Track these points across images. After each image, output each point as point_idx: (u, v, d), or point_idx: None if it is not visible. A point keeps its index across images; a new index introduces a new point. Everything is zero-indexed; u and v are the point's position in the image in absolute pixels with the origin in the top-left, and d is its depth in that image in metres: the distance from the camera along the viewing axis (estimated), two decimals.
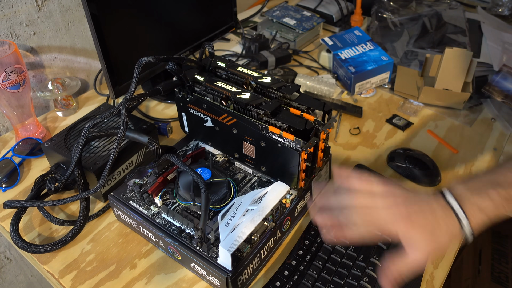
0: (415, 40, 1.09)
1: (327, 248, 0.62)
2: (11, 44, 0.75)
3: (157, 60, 0.62)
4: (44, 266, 0.62)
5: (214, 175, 0.64)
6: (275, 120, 0.61)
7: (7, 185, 0.74)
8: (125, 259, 0.63)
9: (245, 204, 0.57)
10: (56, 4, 0.87)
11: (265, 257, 0.61)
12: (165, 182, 0.63)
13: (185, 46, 0.94)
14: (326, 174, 0.74)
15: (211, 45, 0.70)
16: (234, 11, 1.04)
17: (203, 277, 0.59)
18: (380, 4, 1.18)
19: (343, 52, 1.01)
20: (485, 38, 1.12)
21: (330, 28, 1.27)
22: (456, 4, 1.18)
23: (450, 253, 0.65)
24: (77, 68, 0.98)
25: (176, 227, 0.60)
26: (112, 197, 0.65)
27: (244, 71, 0.70)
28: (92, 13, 0.70)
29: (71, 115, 0.91)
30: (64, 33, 0.91)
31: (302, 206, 0.67)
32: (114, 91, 0.79)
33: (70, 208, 0.71)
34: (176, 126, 0.87)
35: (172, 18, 0.88)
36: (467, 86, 0.93)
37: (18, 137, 0.81)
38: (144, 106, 0.94)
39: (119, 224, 0.68)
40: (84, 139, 0.63)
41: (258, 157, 0.66)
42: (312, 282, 0.58)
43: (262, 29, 1.20)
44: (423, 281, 0.61)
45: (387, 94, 1.00)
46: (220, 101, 0.65)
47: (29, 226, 0.68)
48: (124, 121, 0.60)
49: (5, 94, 0.74)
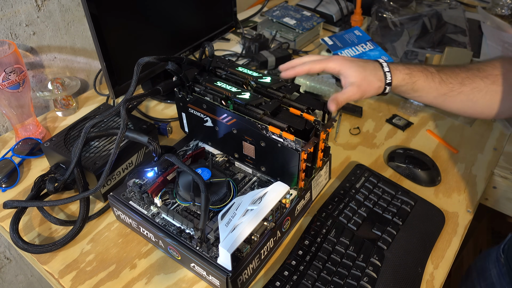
0: (415, 40, 1.08)
1: (327, 248, 0.62)
2: (11, 44, 0.75)
3: (157, 60, 0.62)
4: (44, 266, 0.62)
5: (214, 175, 0.64)
6: (275, 120, 0.61)
7: (7, 185, 0.74)
8: (125, 259, 0.63)
9: (245, 204, 0.57)
10: (56, 4, 0.87)
11: (265, 257, 0.61)
12: (165, 182, 0.63)
13: (185, 46, 0.94)
14: (326, 174, 0.74)
15: (211, 45, 0.70)
16: (234, 11, 1.04)
17: (203, 277, 0.59)
18: (380, 4, 1.18)
19: (343, 52, 1.01)
20: (485, 38, 1.12)
21: (330, 28, 1.27)
22: (456, 4, 1.18)
23: (450, 253, 0.65)
24: (77, 68, 0.98)
25: (176, 227, 0.60)
26: (112, 197, 0.65)
27: (244, 71, 0.70)
28: (92, 13, 0.70)
29: (71, 115, 0.91)
30: (64, 33, 0.91)
31: (302, 206, 0.67)
32: (114, 91, 0.79)
33: (70, 208, 0.71)
34: (176, 126, 0.87)
35: (172, 18, 0.88)
36: None
37: (18, 137, 0.80)
38: (144, 106, 0.94)
39: (119, 224, 0.68)
40: (84, 139, 0.63)
41: (258, 157, 0.66)
42: (312, 282, 0.57)
43: (262, 29, 1.20)
44: (423, 281, 0.61)
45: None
46: (220, 101, 0.65)
47: (29, 226, 0.68)
48: (124, 121, 0.60)
49: (5, 94, 0.73)
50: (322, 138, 0.61)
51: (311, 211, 0.70)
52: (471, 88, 0.63)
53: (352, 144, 0.85)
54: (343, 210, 0.68)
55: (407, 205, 0.70)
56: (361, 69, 0.63)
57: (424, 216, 0.69)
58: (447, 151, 0.84)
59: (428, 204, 0.71)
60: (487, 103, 0.63)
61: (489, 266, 0.69)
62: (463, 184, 0.77)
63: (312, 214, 0.69)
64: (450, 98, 0.64)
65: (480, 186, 0.77)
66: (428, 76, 0.64)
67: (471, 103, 0.64)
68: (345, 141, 0.85)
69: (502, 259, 0.67)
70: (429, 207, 0.71)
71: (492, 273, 0.68)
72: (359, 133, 0.87)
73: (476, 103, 0.63)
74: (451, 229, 0.69)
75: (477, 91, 0.63)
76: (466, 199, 0.74)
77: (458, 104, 0.64)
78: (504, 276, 0.66)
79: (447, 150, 0.84)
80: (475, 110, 0.64)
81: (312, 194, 0.70)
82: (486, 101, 0.63)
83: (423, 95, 0.65)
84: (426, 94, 0.65)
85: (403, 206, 0.69)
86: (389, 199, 0.70)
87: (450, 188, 0.76)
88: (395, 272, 0.60)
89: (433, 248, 0.65)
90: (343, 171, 0.78)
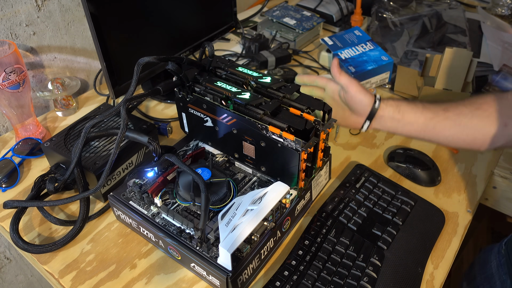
0: (415, 40, 1.08)
1: (327, 248, 0.62)
2: (11, 44, 0.75)
3: (157, 60, 0.62)
4: (44, 266, 0.62)
5: (214, 175, 0.64)
6: (275, 120, 0.61)
7: (7, 185, 0.74)
8: (125, 259, 0.63)
9: (245, 204, 0.57)
10: (56, 4, 0.87)
11: (265, 257, 0.61)
12: (165, 182, 0.63)
13: (185, 46, 0.94)
14: (326, 174, 0.74)
15: (211, 45, 0.70)
16: (234, 11, 1.04)
17: (203, 277, 0.59)
18: (380, 4, 1.18)
19: (343, 52, 1.01)
20: (485, 38, 1.12)
21: (330, 28, 1.27)
22: (456, 4, 1.18)
23: (450, 253, 0.65)
24: (77, 68, 0.98)
25: (176, 227, 0.60)
26: (112, 197, 0.65)
27: (244, 71, 0.70)
28: (92, 13, 0.70)
29: (71, 115, 0.91)
30: (64, 33, 0.91)
31: (302, 206, 0.67)
32: (114, 91, 0.79)
33: (70, 208, 0.71)
34: (176, 126, 0.87)
35: (172, 18, 0.88)
36: (467, 86, 0.93)
37: (18, 137, 0.80)
38: (144, 106, 0.94)
39: (119, 224, 0.68)
40: (84, 139, 0.63)
41: (258, 157, 0.66)
42: (312, 282, 0.57)
43: (262, 29, 1.20)
44: (423, 281, 0.61)
45: (387, 94, 1.00)
46: (220, 101, 0.65)
47: (29, 226, 0.68)
48: (124, 121, 0.60)
49: (5, 94, 0.74)
50: (322, 138, 0.61)
51: (311, 211, 0.70)
52: (455, 113, 0.63)
53: (352, 144, 0.85)
54: (343, 210, 0.68)
55: (407, 205, 0.70)
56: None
57: (424, 216, 0.69)
58: (447, 151, 0.84)
59: (428, 204, 0.71)
60: (476, 127, 0.62)
61: (490, 258, 0.69)
62: (463, 184, 0.77)
63: (312, 214, 0.69)
64: (438, 124, 0.63)
65: (480, 186, 0.77)
66: (410, 102, 0.66)
67: (459, 128, 0.63)
68: (345, 141, 0.85)
69: (503, 250, 0.68)
70: (429, 207, 0.71)
71: (492, 264, 0.68)
72: (359, 133, 0.87)
73: (465, 128, 0.62)
74: (451, 229, 0.69)
75: (463, 116, 0.62)
76: (466, 199, 0.74)
77: (447, 131, 0.63)
78: (502, 266, 0.66)
79: (447, 150, 0.84)
80: (466, 135, 0.63)
81: (312, 194, 0.70)
82: (474, 125, 0.62)
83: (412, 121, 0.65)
84: (414, 120, 0.65)
85: (403, 206, 0.69)
86: (389, 199, 0.70)
87: (450, 188, 0.76)
88: (395, 272, 0.60)
89: (433, 248, 0.65)
90: (343, 171, 0.78)
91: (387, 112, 0.66)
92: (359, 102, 0.66)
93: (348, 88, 0.67)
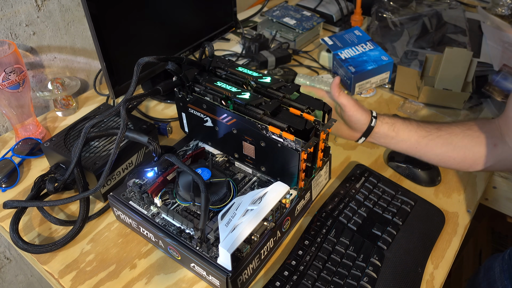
0: (415, 40, 1.08)
1: (327, 248, 0.62)
2: (11, 44, 0.75)
3: (157, 60, 0.62)
4: (44, 266, 0.62)
5: (214, 175, 0.64)
6: (275, 120, 0.61)
7: (6, 185, 0.74)
8: (125, 259, 0.63)
9: (245, 204, 0.57)
10: (56, 4, 0.87)
11: (265, 257, 0.61)
12: (165, 182, 0.63)
13: (185, 46, 0.94)
14: (326, 174, 0.74)
15: (211, 45, 0.70)
16: (234, 11, 1.04)
17: (203, 277, 0.59)
18: (380, 4, 1.18)
19: (343, 52, 1.01)
20: (485, 38, 1.12)
21: (330, 28, 1.27)
22: (456, 4, 1.18)
23: (450, 253, 0.65)
24: (77, 68, 0.98)
25: (176, 227, 0.60)
26: (112, 197, 0.65)
27: (244, 71, 0.70)
28: (92, 13, 0.70)
29: (71, 115, 0.91)
30: (63, 33, 0.91)
31: (302, 206, 0.67)
32: (114, 91, 0.79)
33: (69, 208, 0.71)
34: (176, 126, 0.87)
35: (172, 18, 0.88)
36: (467, 86, 0.93)
37: (18, 137, 0.80)
38: (144, 106, 0.94)
39: (119, 224, 0.68)
40: (83, 139, 0.63)
41: (258, 157, 0.66)
42: (312, 282, 0.57)
43: (262, 29, 1.20)
44: (423, 281, 0.61)
45: (387, 94, 1.00)
46: (220, 101, 0.65)
47: (29, 226, 0.68)
48: (123, 121, 0.60)
49: (5, 94, 0.73)
50: (322, 138, 0.61)
51: (311, 211, 0.70)
52: (447, 132, 0.67)
53: (352, 144, 0.85)
54: (343, 210, 0.68)
55: (407, 205, 0.70)
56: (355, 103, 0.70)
57: (424, 216, 0.69)
58: None
59: (428, 204, 0.71)
60: (467, 146, 0.65)
61: (494, 265, 0.70)
62: (463, 184, 0.77)
63: (312, 214, 0.69)
64: (431, 141, 0.67)
65: (480, 186, 0.77)
66: (405, 121, 0.69)
67: (450, 147, 0.66)
68: (345, 141, 0.85)
69: (507, 256, 0.68)
70: (429, 207, 0.71)
71: (496, 270, 0.69)
72: None
73: (456, 147, 0.66)
74: (451, 229, 0.69)
75: (454, 135, 0.66)
76: (466, 199, 0.74)
77: (438, 148, 0.67)
78: (505, 272, 0.67)
79: None
80: (457, 154, 0.66)
81: (312, 194, 0.70)
82: (465, 144, 0.65)
83: (405, 139, 0.68)
84: (408, 138, 0.68)
85: (403, 206, 0.69)
86: (389, 199, 0.70)
87: (450, 188, 0.76)
88: (395, 272, 0.60)
89: (433, 248, 0.65)
90: (343, 171, 0.78)
91: (383, 129, 0.69)
92: (357, 121, 0.69)
93: (345, 108, 0.69)
